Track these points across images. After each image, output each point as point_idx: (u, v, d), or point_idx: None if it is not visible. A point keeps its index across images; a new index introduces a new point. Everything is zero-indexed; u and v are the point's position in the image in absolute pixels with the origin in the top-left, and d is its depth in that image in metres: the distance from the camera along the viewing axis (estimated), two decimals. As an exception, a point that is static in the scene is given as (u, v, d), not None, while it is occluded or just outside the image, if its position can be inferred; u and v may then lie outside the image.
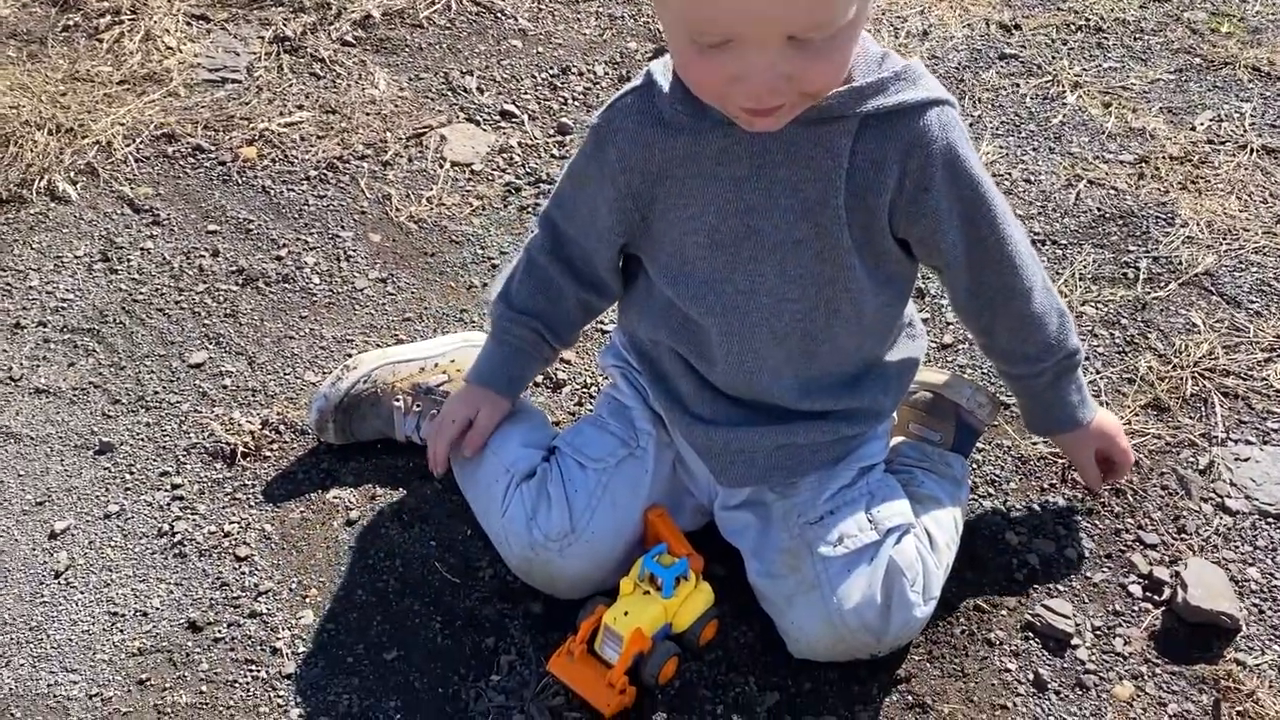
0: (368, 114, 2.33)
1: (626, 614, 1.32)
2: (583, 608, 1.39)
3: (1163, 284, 1.94)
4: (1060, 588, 1.48)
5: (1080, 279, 1.95)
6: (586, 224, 1.36)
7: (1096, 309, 1.90)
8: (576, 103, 2.39)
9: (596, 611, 1.35)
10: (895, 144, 1.20)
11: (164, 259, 2.00)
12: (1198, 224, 2.06)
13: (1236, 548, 1.53)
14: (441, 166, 2.22)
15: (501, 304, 1.46)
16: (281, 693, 1.37)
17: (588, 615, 1.36)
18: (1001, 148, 2.26)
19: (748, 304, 1.30)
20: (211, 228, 2.07)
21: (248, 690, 1.38)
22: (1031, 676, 1.39)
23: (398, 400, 1.61)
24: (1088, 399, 1.47)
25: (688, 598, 1.37)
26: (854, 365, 1.39)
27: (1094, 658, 1.41)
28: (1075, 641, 1.42)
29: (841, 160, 1.20)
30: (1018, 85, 2.42)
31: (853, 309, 1.31)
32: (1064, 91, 2.40)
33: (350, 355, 1.78)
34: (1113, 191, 2.15)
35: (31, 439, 1.69)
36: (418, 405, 1.61)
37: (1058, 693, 1.37)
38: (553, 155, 2.26)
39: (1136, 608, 1.46)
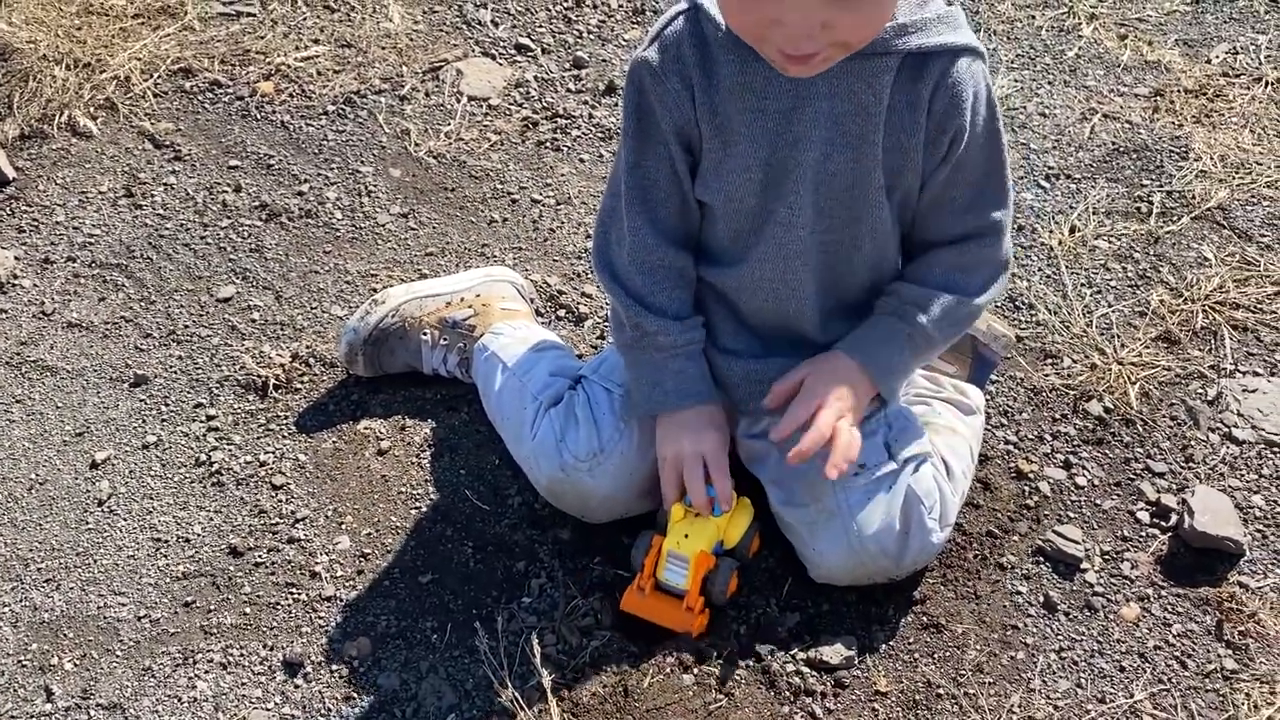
0: (383, 48, 2.34)
1: (687, 536, 1.37)
2: (635, 546, 1.42)
3: (1175, 218, 1.97)
4: (1070, 514, 1.53)
5: (1094, 213, 1.97)
6: (667, 177, 1.33)
7: (1109, 243, 1.92)
8: (591, 36, 2.39)
9: (655, 543, 1.39)
10: (927, 84, 1.23)
11: (187, 194, 2.03)
12: (1211, 158, 2.07)
13: (1242, 476, 1.58)
14: (459, 101, 2.23)
15: (670, 321, 1.38)
16: (322, 614, 1.43)
17: (647, 550, 1.39)
18: (1016, 80, 2.27)
19: (786, 236, 1.33)
20: (233, 163, 2.08)
21: (289, 612, 1.44)
22: (1042, 599, 1.44)
23: (425, 334, 1.65)
24: (896, 385, 1.39)
25: (733, 514, 1.41)
26: (869, 298, 1.42)
27: (1102, 581, 1.46)
28: (1084, 565, 1.47)
29: (882, 97, 1.23)
30: (1033, 17, 2.42)
31: (873, 246, 1.35)
32: (1080, 24, 2.40)
33: (376, 290, 1.82)
34: (1127, 125, 2.16)
35: (68, 372, 1.73)
36: (444, 339, 1.65)
37: (1067, 614, 1.43)
38: (569, 90, 2.26)
39: (1144, 533, 1.52)
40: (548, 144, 2.14)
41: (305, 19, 2.40)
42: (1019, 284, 1.85)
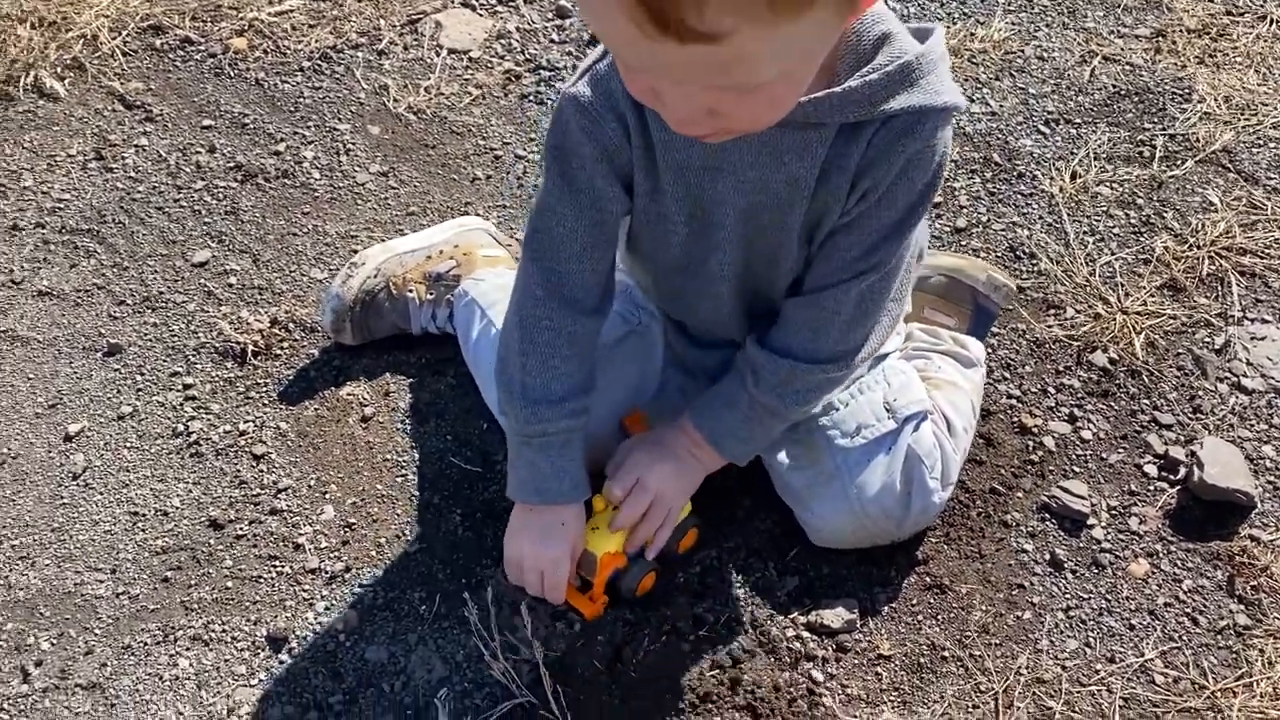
0: (360, 0, 2.25)
1: (596, 530, 1.29)
2: None
3: (1179, 162, 1.91)
4: (1076, 469, 1.49)
5: (1095, 158, 1.91)
6: (585, 230, 1.19)
7: (1111, 189, 1.87)
8: (575, -16, 2.30)
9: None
10: (860, 145, 1.07)
11: (160, 156, 1.96)
12: (1215, 99, 2.01)
13: (1252, 426, 1.53)
14: (438, 54, 2.15)
15: (527, 405, 1.23)
16: (306, 587, 1.39)
17: None
18: (1014, 24, 2.19)
19: (717, 287, 1.25)
20: (206, 123, 2.01)
21: (273, 585, 1.39)
22: (1048, 556, 1.40)
23: (410, 291, 1.59)
24: (741, 451, 1.31)
25: None
26: None
27: (1109, 537, 1.42)
28: (1091, 521, 1.43)
29: (815, 167, 1.09)
30: (1031, -43, 2.34)
31: (792, 274, 1.25)
32: (1079, -37, 2.32)
33: (355, 251, 1.76)
34: (1128, 67, 2.10)
35: (39, 342, 1.67)
36: (431, 294, 1.59)
37: (1074, 571, 1.39)
38: (551, 40, 2.19)
39: (1152, 487, 1.47)
40: (531, 97, 2.07)
41: (278, -28, 2.31)
42: (1020, 233, 1.79)
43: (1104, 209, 1.83)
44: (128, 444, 1.55)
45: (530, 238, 1.23)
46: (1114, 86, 2.05)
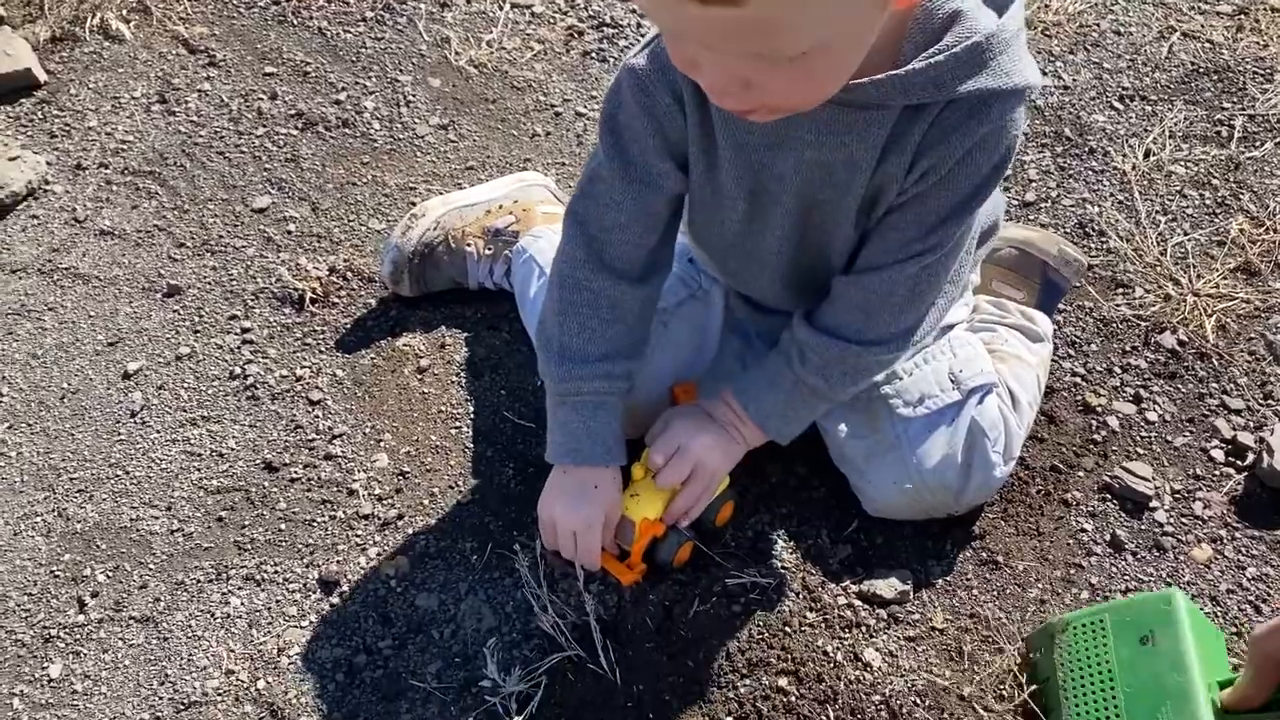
0: (424, -48, 2.24)
1: (635, 497, 1.27)
2: None
3: (1258, 143, 1.85)
4: (1140, 450, 1.46)
5: (1171, 136, 1.86)
6: (632, 205, 1.18)
7: (1186, 168, 1.82)
8: (641, -57, 2.27)
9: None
10: (921, 126, 1.04)
11: (222, 101, 1.96)
12: (1298, 80, 1.95)
13: (1324, 415, 1.49)
14: (501, 8, 2.13)
15: (562, 363, 1.23)
16: (359, 532, 1.39)
17: None
18: (1090, -4, 2.14)
19: (773, 260, 1.24)
20: (269, 70, 2.01)
21: (326, 529, 1.40)
22: (1108, 537, 1.37)
23: (469, 245, 1.59)
24: (785, 430, 1.27)
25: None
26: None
27: (1172, 520, 1.39)
28: (1154, 504, 1.40)
29: (875, 148, 1.06)
30: (1110, -71, 2.28)
31: (844, 252, 1.21)
32: (1160, -64, 2.25)
33: (413, 203, 1.75)
34: (1208, 45, 2.04)
35: (100, 280, 1.69)
36: (489, 249, 1.58)
37: (1134, 553, 1.36)
38: (616, -1, 2.16)
39: (1218, 472, 1.44)
40: (593, 54, 2.05)
41: (343, -78, 2.30)
42: (1090, 209, 1.75)
43: (1177, 188, 1.79)
44: (185, 384, 1.56)
45: (576, 199, 1.22)
46: (1193, 64, 2.00)
